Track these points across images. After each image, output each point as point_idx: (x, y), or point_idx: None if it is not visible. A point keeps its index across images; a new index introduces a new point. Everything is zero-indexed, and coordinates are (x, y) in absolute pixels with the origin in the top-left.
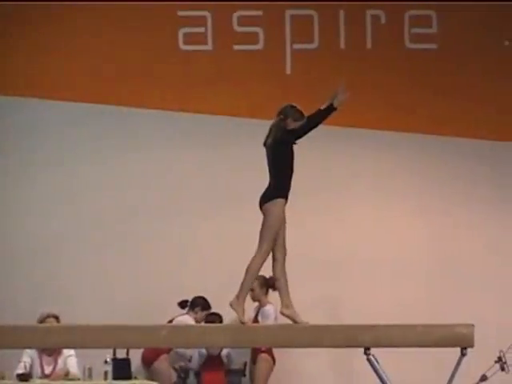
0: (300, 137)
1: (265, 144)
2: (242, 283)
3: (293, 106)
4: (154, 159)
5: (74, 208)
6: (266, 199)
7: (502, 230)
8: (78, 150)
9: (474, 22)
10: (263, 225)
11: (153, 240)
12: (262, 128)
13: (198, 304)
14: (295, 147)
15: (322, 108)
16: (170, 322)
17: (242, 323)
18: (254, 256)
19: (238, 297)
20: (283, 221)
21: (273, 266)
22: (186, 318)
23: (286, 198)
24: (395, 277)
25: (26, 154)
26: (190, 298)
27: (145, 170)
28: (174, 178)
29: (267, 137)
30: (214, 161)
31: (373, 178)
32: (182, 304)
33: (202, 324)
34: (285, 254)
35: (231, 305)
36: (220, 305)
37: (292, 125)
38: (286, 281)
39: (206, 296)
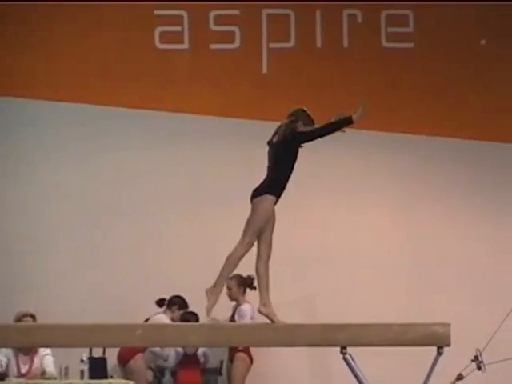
0: (308, 140)
1: (270, 142)
2: (221, 271)
3: (304, 111)
4: (130, 158)
5: (53, 207)
6: (257, 193)
7: (478, 231)
8: (59, 150)
9: (450, 21)
10: (249, 218)
11: (132, 239)
12: (238, 126)
13: (176, 303)
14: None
15: (335, 119)
16: (147, 320)
17: (207, 313)
18: (236, 246)
19: (215, 285)
20: (271, 218)
21: (256, 263)
22: (162, 317)
23: (277, 196)
24: (371, 276)
25: (5, 152)
26: (167, 297)
27: (121, 170)
28: (150, 177)
29: (273, 135)
30: (190, 160)
31: (350, 178)
32: (160, 302)
33: (178, 323)
34: (269, 253)
35: (206, 292)
36: (197, 304)
37: (301, 128)
38: (268, 279)
39: (183, 295)
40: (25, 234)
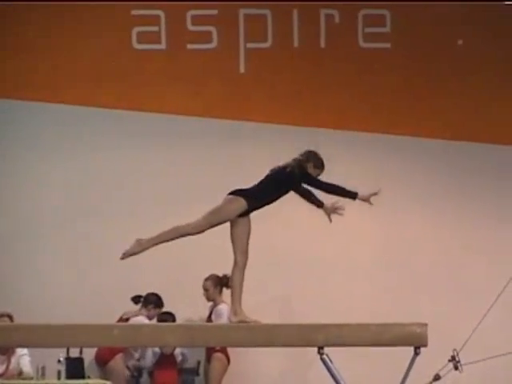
0: (311, 185)
1: (273, 169)
2: (160, 234)
3: (316, 154)
4: (108, 159)
5: (28, 207)
6: (236, 192)
7: (456, 232)
8: (34, 148)
9: (427, 21)
10: (215, 207)
11: (112, 239)
12: (216, 127)
13: (151, 301)
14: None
15: (345, 188)
16: (123, 319)
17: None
18: (188, 223)
19: (148, 240)
20: (248, 229)
21: (232, 271)
22: (141, 319)
23: (250, 208)
24: (349, 277)
25: None
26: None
27: (99, 170)
28: (127, 177)
29: (279, 166)
30: (167, 160)
31: (329, 178)
32: (135, 299)
33: (155, 323)
34: (245, 261)
35: (136, 240)
36: (173, 303)
37: (310, 170)
38: (241, 289)
39: (168, 294)
40: (1, 235)
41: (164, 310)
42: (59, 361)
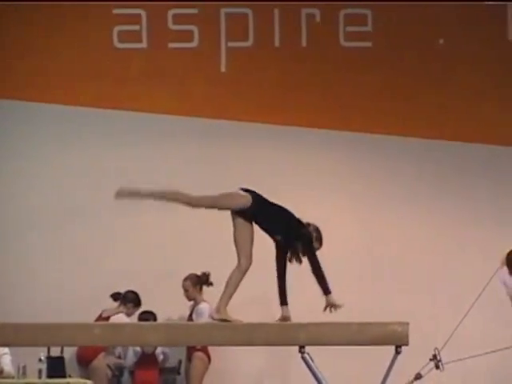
0: (307, 253)
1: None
2: (159, 191)
3: (319, 232)
4: (89, 157)
5: (13, 207)
6: (248, 189)
7: (438, 231)
8: (19, 148)
9: (409, 20)
10: (222, 192)
11: (92, 239)
12: (197, 125)
13: (131, 300)
14: None
15: (323, 282)
16: (101, 317)
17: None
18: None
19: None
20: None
21: (233, 271)
22: (122, 317)
23: (251, 208)
24: (330, 275)
25: None
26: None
27: (80, 168)
28: (107, 176)
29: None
30: (149, 158)
31: (304, 176)
32: (115, 296)
33: (136, 322)
34: (248, 266)
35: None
36: (154, 303)
37: (315, 243)
38: (234, 291)
39: (140, 294)
40: None
41: (145, 309)
42: (40, 360)
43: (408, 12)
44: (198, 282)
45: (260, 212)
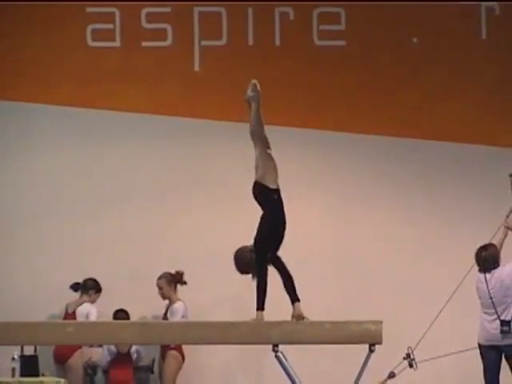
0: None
1: None
2: None
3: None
4: (60, 156)
5: None
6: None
7: (409, 229)
8: None
9: (382, 19)
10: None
11: (65, 238)
12: (170, 124)
13: (91, 286)
14: None
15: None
16: (68, 313)
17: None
18: None
19: None
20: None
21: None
22: (87, 307)
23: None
24: (303, 274)
25: None
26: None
27: (51, 168)
28: (77, 175)
29: None
30: (122, 157)
31: (282, 175)
32: (74, 287)
33: (110, 320)
34: None
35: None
36: (127, 301)
37: None
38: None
39: (114, 293)
40: None
41: (119, 308)
42: (13, 358)
43: (381, 11)
44: (173, 280)
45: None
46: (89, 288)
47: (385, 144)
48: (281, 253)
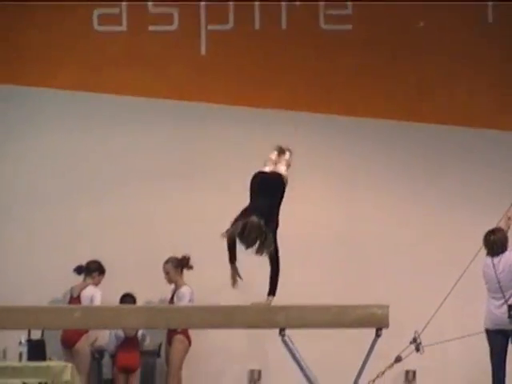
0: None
1: None
2: None
3: None
4: (66, 140)
5: None
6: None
7: (414, 212)
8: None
9: (389, 3)
10: None
11: (69, 222)
12: (176, 108)
13: (94, 269)
14: None
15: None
16: (72, 297)
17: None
18: None
19: None
20: None
21: None
22: (91, 290)
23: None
24: (310, 258)
25: None
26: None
27: (57, 152)
28: (85, 160)
29: None
30: (128, 142)
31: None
32: (78, 270)
33: (117, 305)
34: None
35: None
36: (134, 286)
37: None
38: None
39: (120, 277)
40: None
41: (125, 292)
42: (21, 343)
43: None
44: (179, 264)
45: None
46: (92, 270)
47: (389, 128)
48: (285, 237)
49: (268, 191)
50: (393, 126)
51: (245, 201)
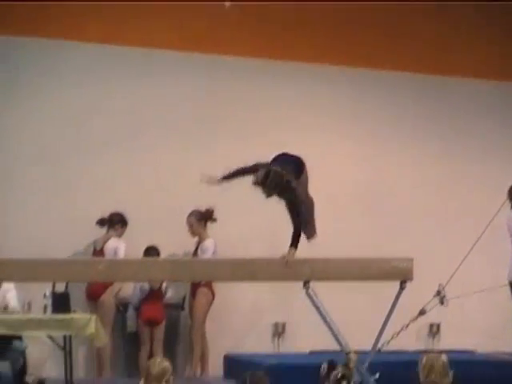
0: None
1: None
2: None
3: None
4: (91, 94)
5: (9, 141)
6: None
7: (440, 165)
8: (17, 84)
9: None
10: None
11: (91, 173)
12: (199, 60)
13: (117, 221)
14: None
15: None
16: (96, 250)
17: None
18: None
19: None
20: None
21: None
22: (115, 242)
23: None
24: (335, 211)
25: None
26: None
27: (80, 106)
28: (110, 113)
29: None
30: (151, 94)
31: (307, 112)
32: (101, 222)
33: (141, 258)
34: None
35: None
36: (158, 238)
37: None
38: None
39: (144, 230)
40: None
41: (149, 244)
42: (45, 295)
43: None
44: (203, 217)
45: None
46: (115, 222)
47: (417, 82)
48: (311, 189)
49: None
50: (421, 80)
51: (268, 154)
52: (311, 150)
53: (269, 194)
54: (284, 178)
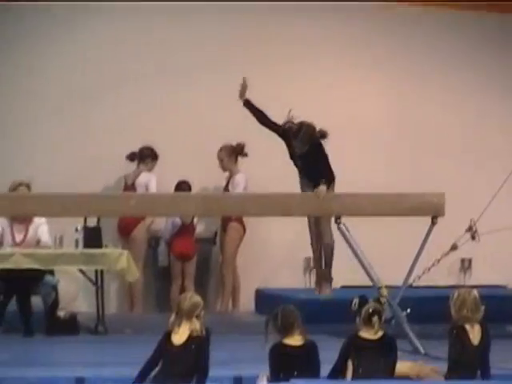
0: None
1: None
2: None
3: None
4: (117, 29)
5: (43, 81)
6: None
7: (473, 101)
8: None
9: None
10: None
11: (119, 112)
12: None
13: (147, 155)
14: None
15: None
16: (127, 185)
17: None
18: None
19: None
20: None
21: None
22: (146, 176)
23: None
24: (366, 146)
25: None
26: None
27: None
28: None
29: None
30: (176, 31)
31: (333, 46)
32: (131, 156)
33: (172, 192)
34: None
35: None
36: (189, 173)
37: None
38: None
39: (175, 164)
40: (18, 106)
41: (180, 179)
42: (77, 230)
43: None
44: (233, 152)
45: None
46: (145, 156)
47: (448, 17)
48: (341, 126)
49: None
50: (452, 15)
51: (292, 88)
52: (342, 84)
53: (301, 149)
54: (316, 132)
